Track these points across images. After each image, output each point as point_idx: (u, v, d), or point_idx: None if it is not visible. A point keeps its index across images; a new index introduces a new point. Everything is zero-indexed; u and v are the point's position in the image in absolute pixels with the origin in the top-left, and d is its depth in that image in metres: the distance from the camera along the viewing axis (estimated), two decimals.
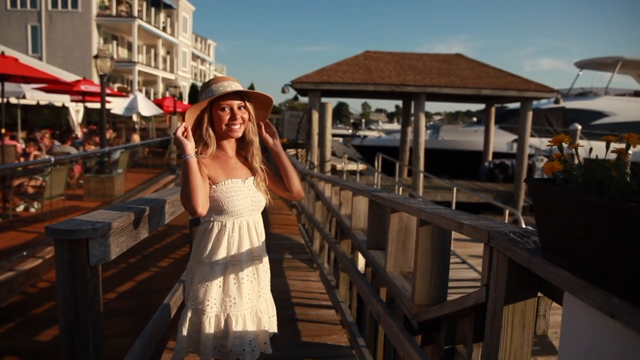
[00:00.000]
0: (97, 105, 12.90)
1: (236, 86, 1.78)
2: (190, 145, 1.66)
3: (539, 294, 1.21)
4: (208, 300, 1.74)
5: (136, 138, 17.13)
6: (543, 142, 17.05)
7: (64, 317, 1.31)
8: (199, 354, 1.76)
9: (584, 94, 20.48)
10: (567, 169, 0.91)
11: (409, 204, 2.15)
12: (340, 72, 14.22)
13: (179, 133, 1.68)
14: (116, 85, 28.30)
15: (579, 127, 14.57)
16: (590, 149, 1.02)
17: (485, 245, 1.31)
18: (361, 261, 3.68)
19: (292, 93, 15.34)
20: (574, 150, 1.00)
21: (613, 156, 0.93)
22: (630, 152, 0.93)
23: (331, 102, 13.28)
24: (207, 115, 1.77)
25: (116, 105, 17.38)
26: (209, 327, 1.75)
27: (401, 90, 13.85)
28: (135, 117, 21.77)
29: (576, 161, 0.95)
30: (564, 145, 1.02)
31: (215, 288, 1.75)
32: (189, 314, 1.77)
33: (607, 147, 0.97)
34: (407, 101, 17.86)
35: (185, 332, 1.76)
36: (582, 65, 21.54)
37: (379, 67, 14.82)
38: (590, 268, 0.85)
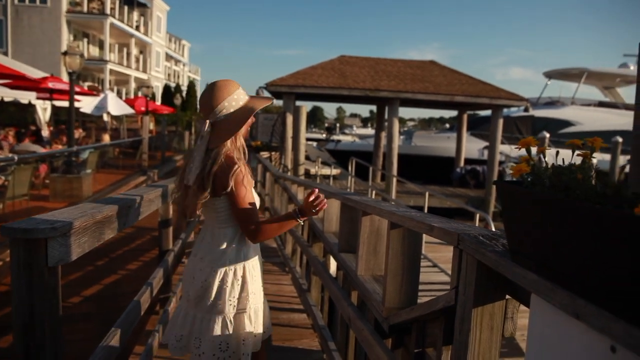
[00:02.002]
0: (66, 104, 12.53)
1: None
2: None
3: (507, 297, 1.22)
4: (260, 295, 1.91)
5: (106, 138, 16.74)
6: (513, 150, 17.47)
7: (19, 322, 1.25)
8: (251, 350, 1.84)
9: (552, 103, 21.09)
10: (535, 171, 0.92)
11: (380, 206, 2.15)
12: (315, 75, 14.24)
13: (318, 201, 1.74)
14: (87, 84, 27.64)
15: (547, 135, 14.98)
16: (557, 152, 1.04)
17: (455, 248, 1.31)
18: (333, 264, 3.67)
19: (266, 95, 15.27)
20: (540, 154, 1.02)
21: (577, 162, 0.94)
22: (595, 159, 0.94)
23: (305, 106, 13.28)
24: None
25: (86, 104, 16.97)
26: (262, 318, 1.91)
27: (375, 95, 13.97)
28: (106, 117, 21.28)
29: (543, 164, 0.96)
30: (532, 149, 1.03)
31: (258, 283, 1.90)
32: (250, 316, 1.83)
33: (573, 151, 0.98)
34: (381, 106, 18.02)
35: (252, 334, 1.83)
36: (550, 75, 22.22)
37: (353, 72, 14.91)
38: (556, 270, 0.85)
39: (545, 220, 0.85)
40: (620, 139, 15.20)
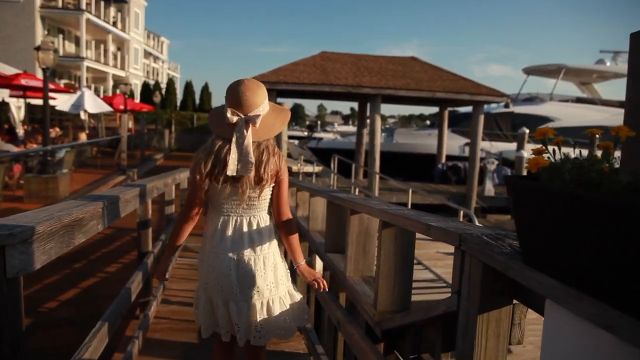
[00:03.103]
0: (40, 102, 12.12)
1: None
2: None
3: (514, 301, 1.13)
4: None
5: (83, 137, 16.31)
6: (493, 146, 17.60)
7: None
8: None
9: (530, 99, 21.31)
10: (554, 165, 0.82)
11: (371, 204, 2.05)
12: (296, 72, 14.09)
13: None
14: (63, 82, 26.90)
15: (527, 130, 15.09)
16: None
17: (457, 249, 1.22)
18: (319, 265, 3.56)
19: None
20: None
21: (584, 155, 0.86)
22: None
23: (287, 103, 13.13)
24: None
25: (61, 102, 16.50)
26: None
27: (357, 92, 13.88)
28: (83, 115, 20.76)
29: (558, 156, 0.87)
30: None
31: None
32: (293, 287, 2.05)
33: (592, 141, 0.89)
34: (362, 103, 17.96)
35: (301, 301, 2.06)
36: (529, 71, 22.45)
37: (335, 68, 14.80)
38: (580, 274, 0.76)
39: (568, 218, 0.75)
40: (597, 135, 15.41)
